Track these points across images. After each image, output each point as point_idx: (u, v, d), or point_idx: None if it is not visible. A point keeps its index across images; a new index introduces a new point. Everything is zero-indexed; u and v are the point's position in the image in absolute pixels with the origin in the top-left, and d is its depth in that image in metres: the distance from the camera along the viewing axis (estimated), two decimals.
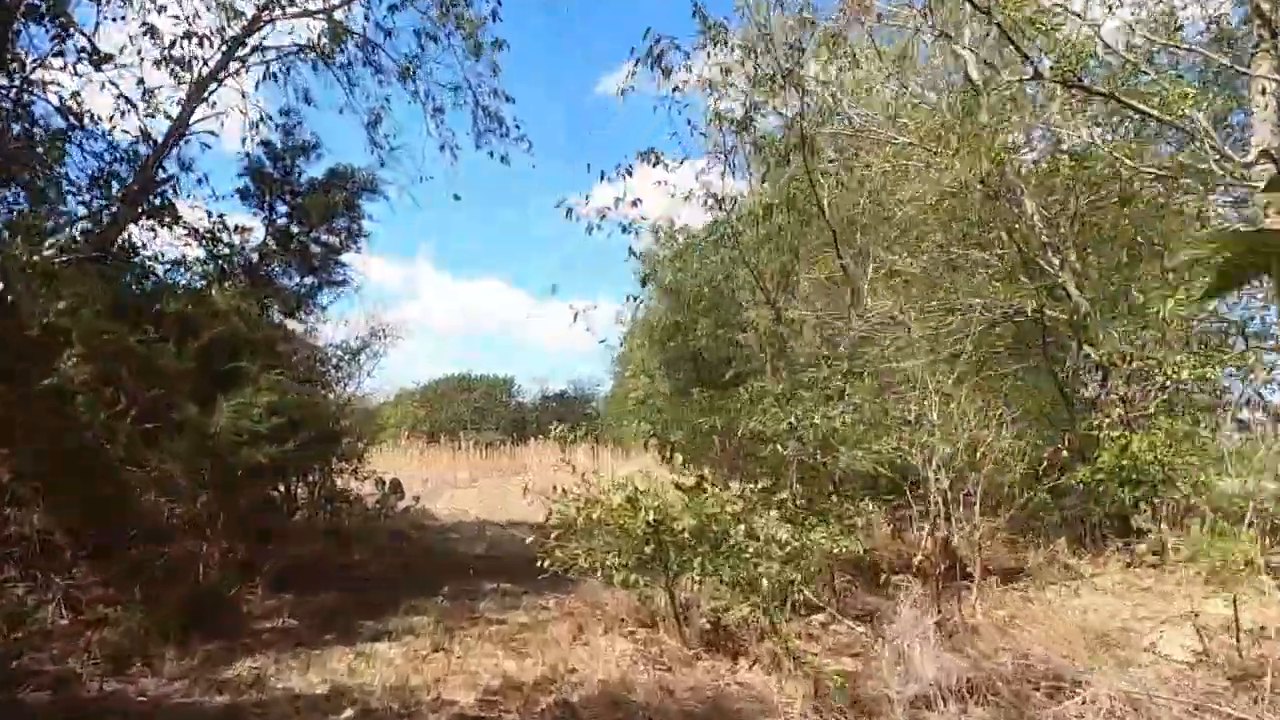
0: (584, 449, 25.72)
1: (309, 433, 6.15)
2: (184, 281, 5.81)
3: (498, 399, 32.00)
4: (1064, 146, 7.96)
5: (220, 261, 6.15)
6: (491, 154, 8.81)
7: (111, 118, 6.83)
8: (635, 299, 9.35)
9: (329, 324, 9.13)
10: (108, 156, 6.76)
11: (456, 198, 8.96)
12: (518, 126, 8.81)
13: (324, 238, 6.71)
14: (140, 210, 6.29)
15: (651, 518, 4.41)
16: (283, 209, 6.52)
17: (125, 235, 6.56)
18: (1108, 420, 7.66)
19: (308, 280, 6.76)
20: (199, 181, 6.74)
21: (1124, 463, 7.18)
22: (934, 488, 5.64)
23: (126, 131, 6.68)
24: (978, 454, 5.53)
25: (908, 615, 5.48)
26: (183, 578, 5.85)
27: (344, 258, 6.93)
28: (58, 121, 6.96)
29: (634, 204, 6.23)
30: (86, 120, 7.08)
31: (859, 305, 5.94)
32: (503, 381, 32.66)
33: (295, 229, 6.54)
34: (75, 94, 7.04)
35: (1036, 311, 8.04)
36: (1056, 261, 8.49)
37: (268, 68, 7.15)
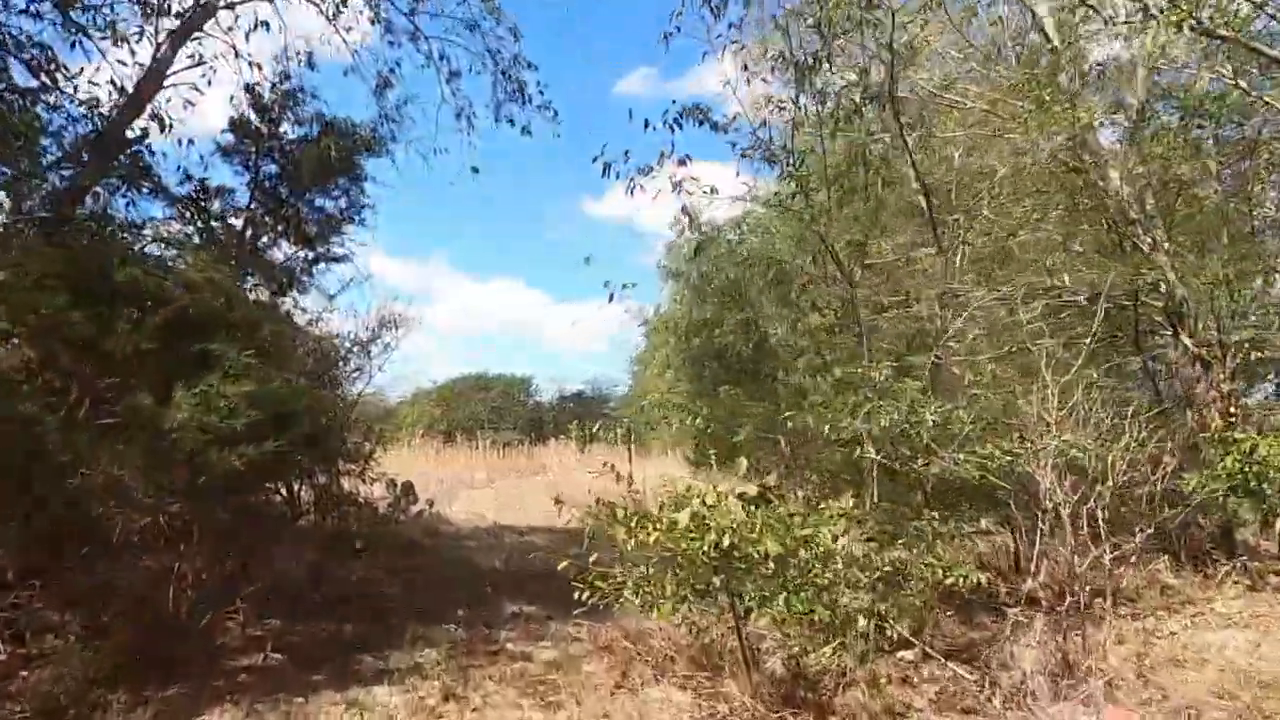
0: (598, 450, 24.52)
1: (299, 430, 5.03)
2: (156, 252, 4.74)
3: (515, 398, 30.89)
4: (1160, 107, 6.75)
5: (198, 228, 5.07)
6: (512, 122, 7.70)
7: (82, 69, 5.76)
8: (680, 274, 8.12)
9: (336, 313, 8.08)
10: (77, 114, 5.70)
11: (475, 170, 7.85)
12: (541, 92, 7.70)
13: (320, 202, 5.63)
14: (108, 171, 5.22)
15: (726, 541, 3.25)
16: (270, 169, 5.44)
17: (95, 200, 5.48)
18: (1222, 421, 6.44)
19: (302, 254, 5.67)
20: (180, 144, 5.69)
21: (1248, 469, 5.96)
22: (1050, 499, 4.44)
23: (95, 84, 5.61)
24: (1109, 460, 4.34)
25: (1031, 658, 4.31)
26: (146, 604, 4.77)
27: (345, 229, 5.82)
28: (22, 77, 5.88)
29: (681, 162, 5.09)
30: (60, 77, 6.02)
31: (952, 281, 4.78)
32: (520, 381, 31.56)
33: (284, 191, 5.45)
34: (47, 48, 5.97)
35: (1130, 296, 6.83)
36: (1149, 241, 7.27)
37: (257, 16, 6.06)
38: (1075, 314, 6.67)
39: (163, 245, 4.76)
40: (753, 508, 3.84)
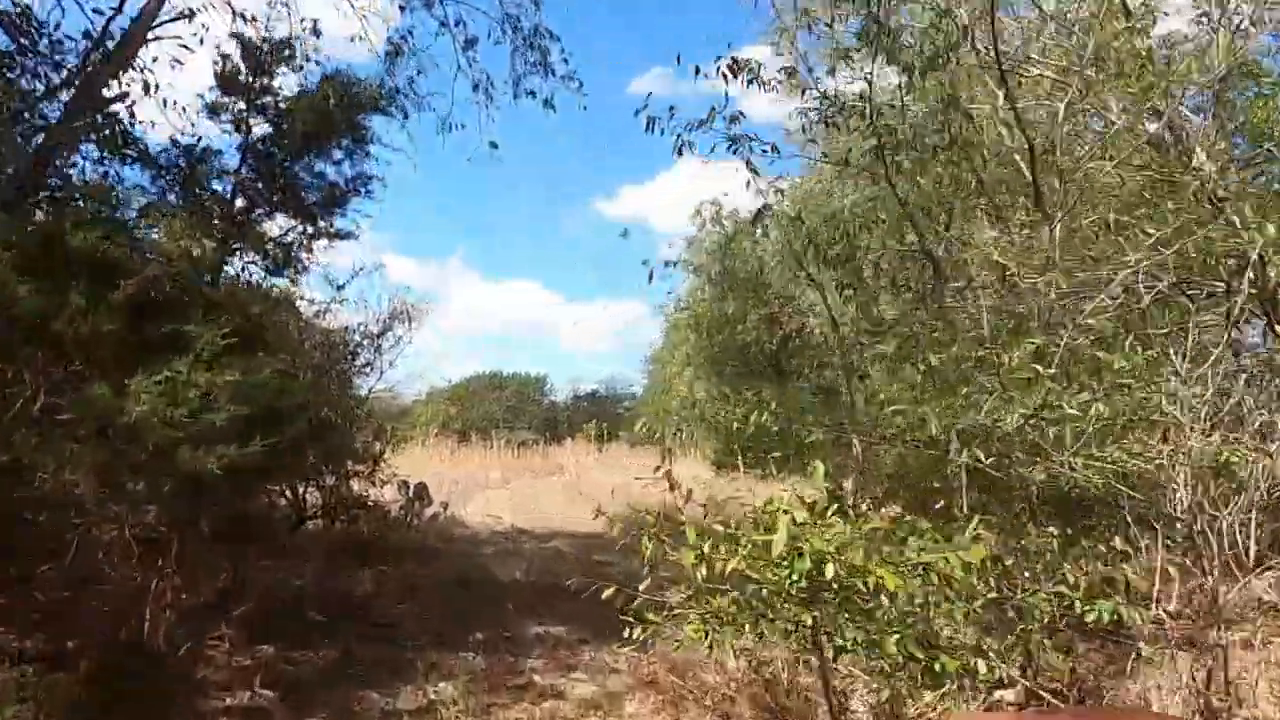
0: (615, 450, 23.71)
1: (297, 426, 4.25)
2: (129, 219, 3.95)
3: (530, 398, 30.10)
4: None
5: (178, 194, 4.29)
6: (534, 94, 6.91)
7: (58, 25, 5.02)
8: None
9: (345, 304, 7.34)
10: (55, 77, 4.95)
11: (493, 145, 7.06)
12: (566, 61, 6.90)
13: (320, 167, 4.85)
14: (80, 134, 4.46)
15: (830, 572, 2.43)
16: (264, 130, 4.64)
17: (76, 169, 4.73)
18: None
19: (301, 228, 4.86)
20: (165, 104, 4.93)
21: None
22: (1191, 512, 3.59)
23: (71, 37, 4.87)
24: (1263, 466, 3.49)
25: (1175, 704, 3.47)
26: (116, 629, 4.00)
27: (350, 201, 5.01)
28: None
29: (734, 119, 4.29)
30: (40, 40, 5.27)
31: (1055, 254, 3.94)
32: (535, 380, 30.78)
33: (279, 154, 4.66)
34: (23, 6, 5.23)
35: (1221, 281, 5.95)
36: (1238, 222, 6.40)
37: None
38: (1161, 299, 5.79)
39: (132, 211, 4.00)
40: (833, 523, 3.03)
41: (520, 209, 54.67)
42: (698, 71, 4.08)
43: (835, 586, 2.65)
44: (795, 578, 2.60)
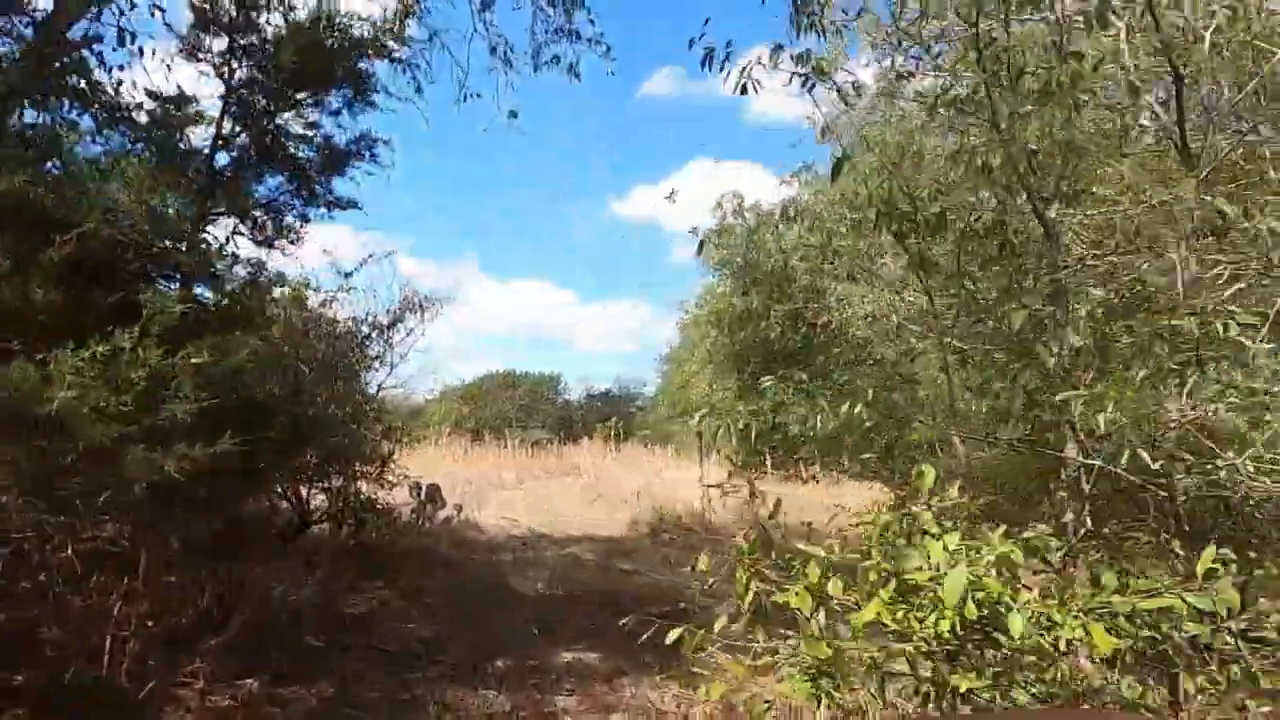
0: (630, 450, 22.89)
1: (284, 421, 3.50)
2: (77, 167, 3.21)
3: (543, 396, 29.30)
4: None
5: (151, 149, 3.53)
6: (558, 59, 6.15)
7: None
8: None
9: (353, 293, 6.64)
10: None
11: (513, 115, 6.28)
12: (593, 23, 6.12)
13: (314, 118, 4.09)
14: (37, 82, 3.73)
15: (1018, 628, 1.64)
16: (247, 74, 3.85)
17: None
18: None
19: (293, 189, 4.09)
20: (143, 54, 4.20)
21: None
22: None
23: None
24: None
25: None
26: (72, 661, 3.25)
27: (354, 164, 4.22)
28: None
29: (803, 56, 3.49)
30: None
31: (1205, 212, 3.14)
32: (548, 379, 29.98)
33: (267, 102, 3.90)
34: None
35: None
36: None
37: None
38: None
39: (86, 163, 3.24)
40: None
41: (531, 208, 54.07)
42: None
43: (1002, 641, 1.86)
44: (951, 628, 1.81)
